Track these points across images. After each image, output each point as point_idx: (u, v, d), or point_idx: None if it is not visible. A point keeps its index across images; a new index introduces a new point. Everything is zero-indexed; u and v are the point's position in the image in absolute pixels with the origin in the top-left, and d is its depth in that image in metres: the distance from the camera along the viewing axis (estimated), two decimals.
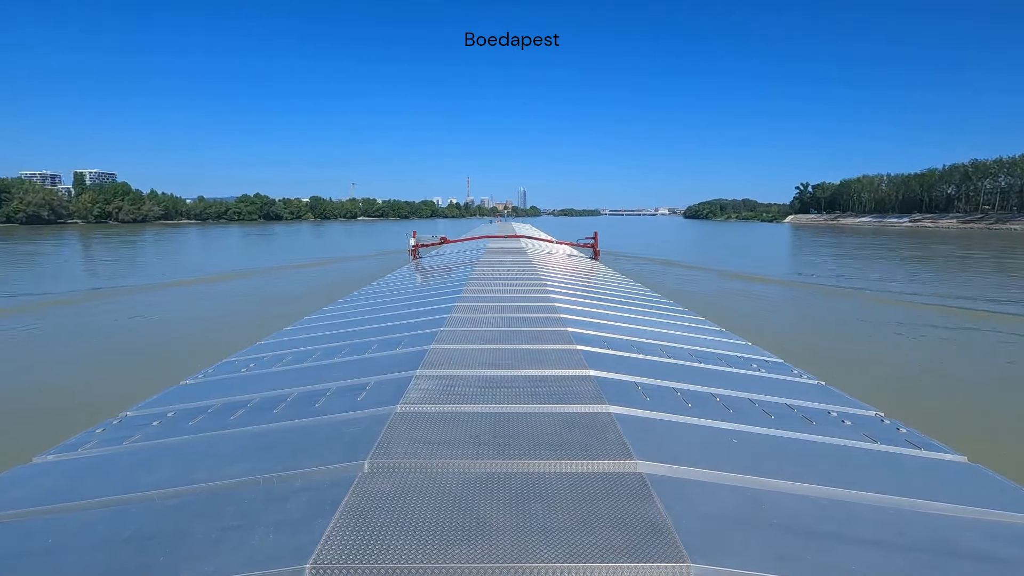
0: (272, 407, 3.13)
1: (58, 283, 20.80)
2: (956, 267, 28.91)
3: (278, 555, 1.59)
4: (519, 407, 2.87)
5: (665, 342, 4.97)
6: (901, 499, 2.10)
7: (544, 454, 2.28)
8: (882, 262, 31.75)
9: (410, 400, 2.94)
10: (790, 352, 5.52)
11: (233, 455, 2.48)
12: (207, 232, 70.63)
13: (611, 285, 9.69)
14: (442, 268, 12.50)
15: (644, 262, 29.13)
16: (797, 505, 1.99)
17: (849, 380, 4.95)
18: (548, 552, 1.58)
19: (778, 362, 4.67)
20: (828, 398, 3.59)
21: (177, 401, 3.55)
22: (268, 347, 5.21)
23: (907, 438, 2.86)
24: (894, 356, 10.64)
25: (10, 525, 1.99)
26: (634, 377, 3.53)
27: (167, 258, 35.20)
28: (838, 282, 21.86)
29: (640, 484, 2.01)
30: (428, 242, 17.66)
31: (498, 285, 8.01)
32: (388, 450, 2.30)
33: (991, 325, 13.49)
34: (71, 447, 2.80)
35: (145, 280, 21.87)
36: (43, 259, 32.20)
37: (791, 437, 2.73)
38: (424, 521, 1.75)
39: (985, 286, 21.02)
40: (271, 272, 25.01)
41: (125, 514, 1.97)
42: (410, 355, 4.01)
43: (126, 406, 3.52)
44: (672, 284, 19.72)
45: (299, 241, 54.27)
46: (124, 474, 2.40)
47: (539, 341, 4.42)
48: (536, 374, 3.51)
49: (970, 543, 1.82)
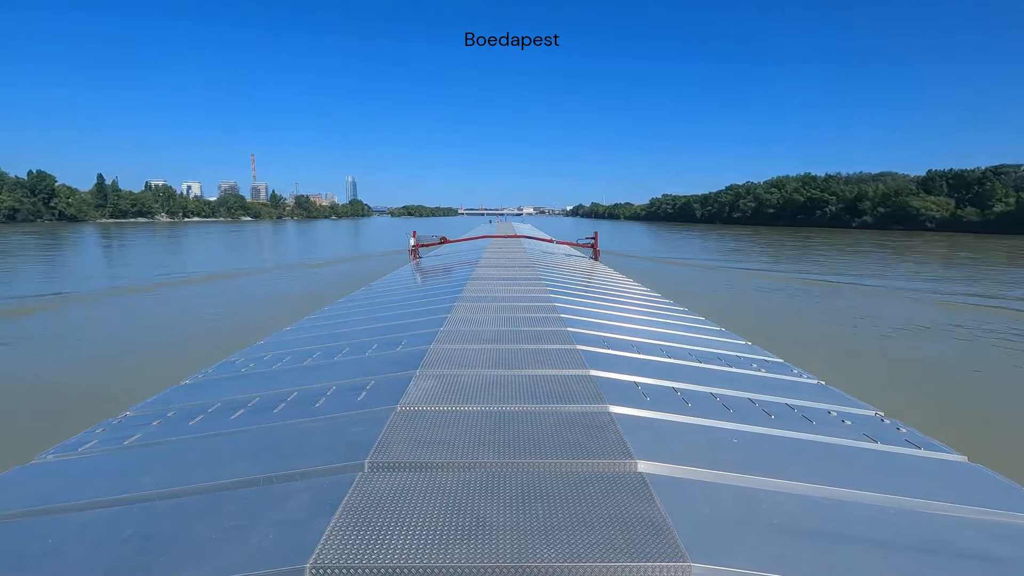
0: (272, 407, 3.13)
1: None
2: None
3: (278, 555, 1.59)
4: (519, 407, 2.87)
5: (665, 342, 4.97)
6: (901, 499, 2.10)
7: (544, 454, 2.28)
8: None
9: (410, 400, 2.94)
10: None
11: (233, 455, 2.48)
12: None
13: (611, 285, 9.69)
14: (442, 268, 12.50)
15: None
16: (797, 505, 1.99)
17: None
18: (548, 551, 1.58)
19: (778, 362, 4.68)
20: (828, 398, 3.59)
21: (177, 401, 3.55)
22: (268, 347, 5.21)
23: (907, 438, 2.86)
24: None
25: (10, 525, 1.99)
26: (634, 377, 3.53)
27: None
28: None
29: (640, 484, 2.02)
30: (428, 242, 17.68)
31: (498, 285, 8.01)
32: (388, 450, 2.30)
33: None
34: (71, 447, 2.80)
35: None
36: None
37: (791, 437, 2.73)
38: (424, 521, 1.75)
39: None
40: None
41: (125, 514, 1.97)
42: (410, 355, 4.01)
43: (126, 406, 3.52)
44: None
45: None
46: (124, 474, 2.40)
47: (539, 341, 4.42)
48: (536, 374, 3.51)
49: (970, 543, 1.82)
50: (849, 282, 22.95)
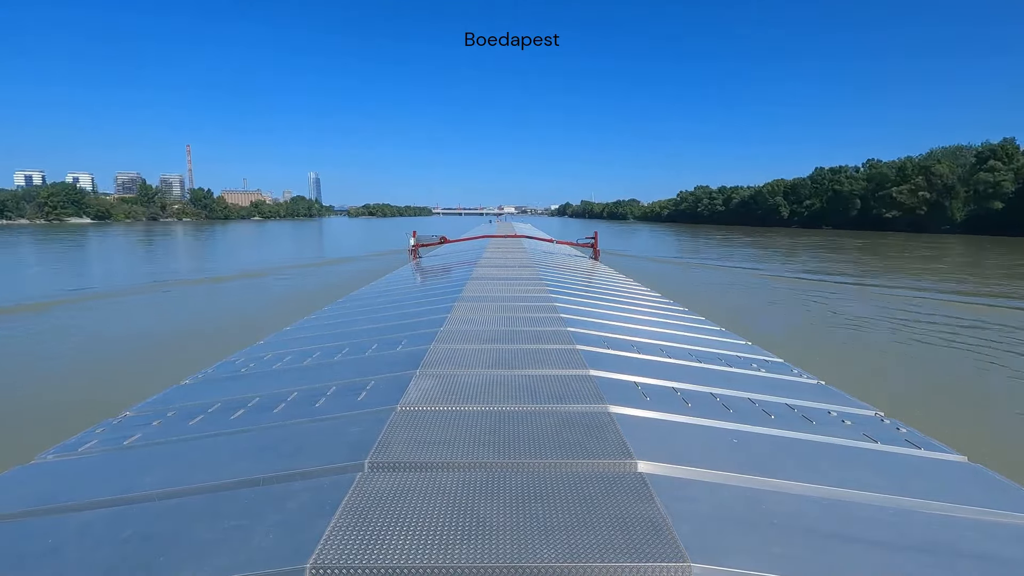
0: (272, 407, 3.13)
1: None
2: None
3: (278, 555, 1.59)
4: (519, 407, 2.87)
5: (665, 342, 4.97)
6: (901, 499, 2.10)
7: (544, 454, 2.28)
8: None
9: (410, 400, 2.94)
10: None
11: (233, 455, 2.48)
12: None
13: (611, 285, 9.69)
14: (442, 267, 12.50)
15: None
16: (797, 505, 1.99)
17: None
18: (548, 552, 1.58)
19: (778, 362, 4.68)
20: (828, 398, 3.59)
21: (177, 401, 3.55)
22: (268, 347, 5.21)
23: (907, 438, 2.86)
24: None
25: (10, 525, 1.99)
26: (634, 377, 3.53)
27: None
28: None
29: (640, 484, 2.02)
30: (428, 242, 17.70)
31: (498, 284, 8.01)
32: (388, 450, 2.30)
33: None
34: (71, 447, 2.80)
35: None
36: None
37: (791, 437, 2.73)
38: (424, 520, 1.76)
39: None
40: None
41: (125, 514, 1.97)
42: (410, 354, 4.01)
43: (126, 406, 3.52)
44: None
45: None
46: (124, 474, 2.40)
47: (539, 341, 4.42)
48: (536, 374, 3.51)
49: (970, 543, 1.82)
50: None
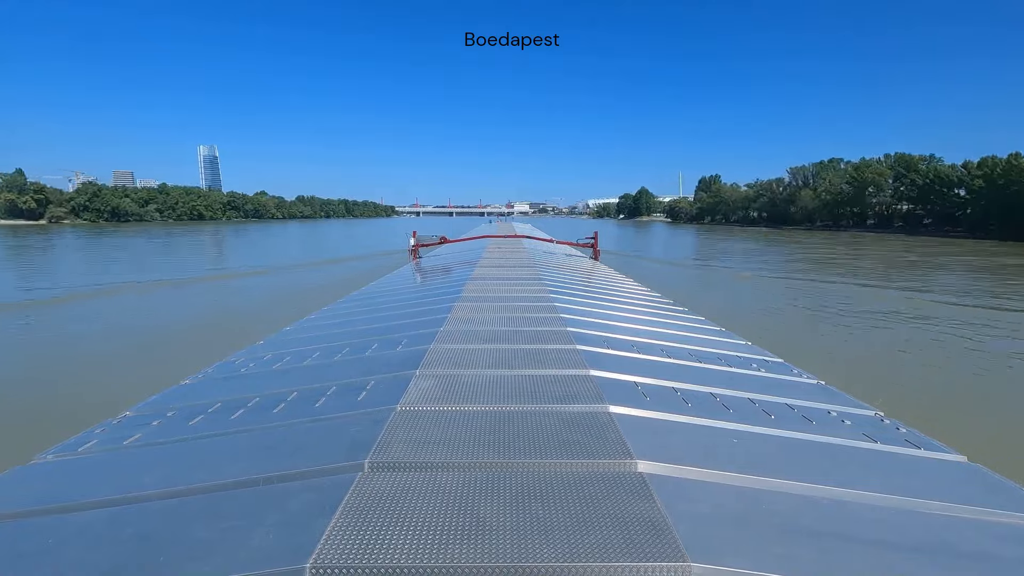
0: (272, 407, 3.13)
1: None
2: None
3: (278, 555, 1.59)
4: (519, 407, 2.87)
5: (665, 342, 4.97)
6: (901, 499, 2.10)
7: (544, 454, 2.28)
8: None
9: (410, 400, 2.94)
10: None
11: (233, 455, 2.48)
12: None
13: (611, 285, 9.69)
14: (442, 267, 12.50)
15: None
16: (797, 505, 1.99)
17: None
18: (548, 552, 1.58)
19: (778, 362, 4.68)
20: (828, 398, 3.59)
21: (177, 401, 3.55)
22: (268, 347, 5.21)
23: (907, 438, 2.86)
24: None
25: (10, 525, 1.99)
26: (634, 377, 3.53)
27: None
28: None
29: (640, 484, 2.02)
30: (428, 242, 17.68)
31: (498, 284, 8.01)
32: (388, 450, 2.30)
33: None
34: (71, 447, 2.80)
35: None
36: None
37: (791, 437, 2.73)
38: (424, 520, 1.75)
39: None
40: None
41: (125, 514, 1.97)
42: (410, 354, 4.01)
43: (126, 406, 3.52)
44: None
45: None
46: (124, 474, 2.40)
47: (539, 341, 4.42)
48: (536, 374, 3.51)
49: (970, 543, 1.82)
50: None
